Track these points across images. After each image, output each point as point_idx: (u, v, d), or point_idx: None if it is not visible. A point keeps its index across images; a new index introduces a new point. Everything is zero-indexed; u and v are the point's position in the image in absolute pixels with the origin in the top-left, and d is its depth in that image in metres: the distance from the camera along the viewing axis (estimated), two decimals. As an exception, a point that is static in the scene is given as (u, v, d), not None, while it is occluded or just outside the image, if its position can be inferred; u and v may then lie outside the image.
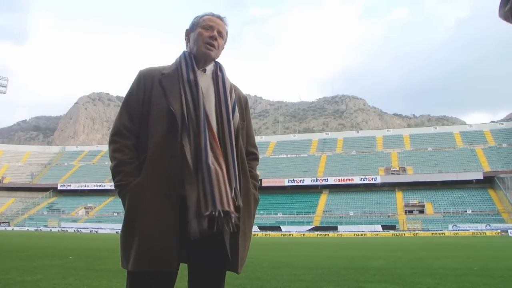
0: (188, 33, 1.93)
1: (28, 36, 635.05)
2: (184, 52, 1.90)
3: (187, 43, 1.94)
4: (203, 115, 1.73)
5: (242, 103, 1.94)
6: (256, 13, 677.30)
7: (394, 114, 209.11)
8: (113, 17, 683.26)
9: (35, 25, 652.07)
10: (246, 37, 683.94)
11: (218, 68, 1.91)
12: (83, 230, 47.71)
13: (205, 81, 1.84)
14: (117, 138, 1.75)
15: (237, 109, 1.86)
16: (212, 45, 1.84)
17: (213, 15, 1.90)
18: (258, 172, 2.02)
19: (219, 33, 1.87)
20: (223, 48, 1.94)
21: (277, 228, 45.44)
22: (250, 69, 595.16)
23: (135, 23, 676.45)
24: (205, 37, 1.84)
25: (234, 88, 1.92)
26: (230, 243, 1.72)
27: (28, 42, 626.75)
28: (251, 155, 1.95)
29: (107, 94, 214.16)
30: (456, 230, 39.80)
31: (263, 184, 52.54)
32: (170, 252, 1.59)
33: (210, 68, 1.89)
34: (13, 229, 48.77)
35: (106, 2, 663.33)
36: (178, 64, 1.85)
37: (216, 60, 1.93)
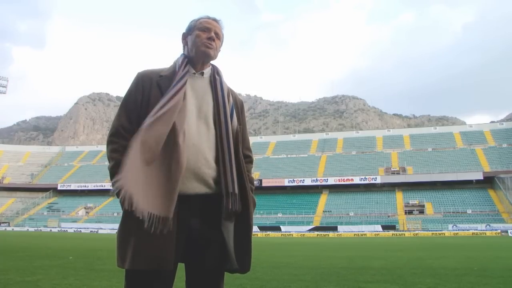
0: (185, 36, 1.95)
1: (42, 40, 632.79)
2: (182, 55, 1.93)
3: (184, 46, 1.96)
4: (203, 117, 1.78)
5: (239, 106, 1.97)
6: (267, 18, 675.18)
7: (394, 114, 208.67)
8: (113, 17, 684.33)
9: (39, 27, 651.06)
10: (255, 40, 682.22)
11: (216, 71, 1.94)
12: (83, 230, 47.72)
13: (202, 84, 1.87)
14: (115, 138, 1.77)
15: (235, 113, 1.89)
16: (211, 45, 1.87)
17: (209, 17, 1.93)
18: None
19: (216, 34, 1.90)
20: (219, 50, 1.96)
21: (277, 228, 45.42)
22: (251, 69, 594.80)
23: (135, 24, 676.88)
24: (203, 38, 1.86)
25: (230, 92, 1.95)
26: (238, 244, 1.76)
27: (39, 46, 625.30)
28: (246, 158, 1.97)
29: (107, 94, 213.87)
30: (456, 230, 39.79)
31: (263, 184, 52.54)
32: (167, 251, 1.60)
33: (207, 71, 1.92)
34: (13, 229, 48.76)
35: (106, 2, 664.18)
36: (176, 66, 1.87)
37: (213, 63, 1.96)
